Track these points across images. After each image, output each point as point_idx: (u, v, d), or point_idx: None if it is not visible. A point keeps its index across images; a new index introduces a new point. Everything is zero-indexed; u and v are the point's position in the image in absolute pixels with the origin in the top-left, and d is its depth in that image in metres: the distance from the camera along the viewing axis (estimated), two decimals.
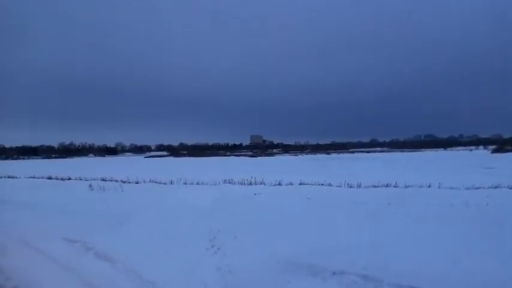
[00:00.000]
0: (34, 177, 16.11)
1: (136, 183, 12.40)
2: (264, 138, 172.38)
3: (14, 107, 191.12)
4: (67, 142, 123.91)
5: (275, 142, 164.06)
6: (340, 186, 9.98)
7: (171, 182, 12.26)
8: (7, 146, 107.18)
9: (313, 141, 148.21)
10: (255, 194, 8.71)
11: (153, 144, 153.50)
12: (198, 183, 11.77)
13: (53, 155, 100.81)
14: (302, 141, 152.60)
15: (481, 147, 72.71)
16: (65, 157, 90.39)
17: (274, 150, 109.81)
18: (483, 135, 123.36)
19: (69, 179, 14.86)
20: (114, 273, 4.10)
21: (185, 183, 11.95)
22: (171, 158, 65.37)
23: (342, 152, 75.88)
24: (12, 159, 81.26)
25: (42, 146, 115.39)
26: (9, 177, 17.35)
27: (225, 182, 11.92)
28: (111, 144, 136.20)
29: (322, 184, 10.43)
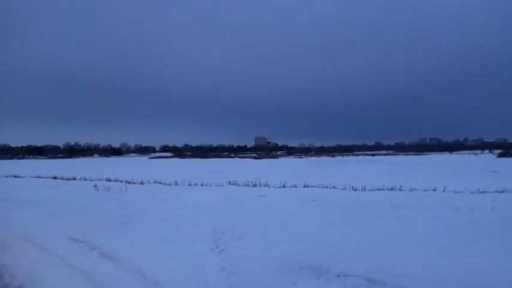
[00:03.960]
0: (39, 177, 16.29)
1: (141, 183, 12.48)
2: (268, 140, 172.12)
3: (19, 107, 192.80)
4: (72, 142, 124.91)
5: (279, 144, 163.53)
6: (344, 189, 9.95)
7: (176, 183, 12.31)
8: (13, 145, 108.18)
9: (317, 144, 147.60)
10: (259, 196, 8.71)
11: (157, 145, 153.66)
12: (202, 185, 11.79)
13: (59, 155, 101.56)
14: (307, 144, 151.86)
15: (486, 151, 72.03)
16: (70, 157, 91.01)
17: (279, 153, 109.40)
18: (488, 139, 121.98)
19: (74, 179, 15.01)
20: (119, 272, 4.13)
21: (190, 185, 11.99)
22: (176, 159, 65.49)
23: (346, 155, 75.64)
24: (18, 158, 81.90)
25: (47, 145, 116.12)
26: (14, 176, 17.60)
27: (229, 183, 11.94)
28: (116, 144, 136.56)
29: (327, 187, 10.42)
